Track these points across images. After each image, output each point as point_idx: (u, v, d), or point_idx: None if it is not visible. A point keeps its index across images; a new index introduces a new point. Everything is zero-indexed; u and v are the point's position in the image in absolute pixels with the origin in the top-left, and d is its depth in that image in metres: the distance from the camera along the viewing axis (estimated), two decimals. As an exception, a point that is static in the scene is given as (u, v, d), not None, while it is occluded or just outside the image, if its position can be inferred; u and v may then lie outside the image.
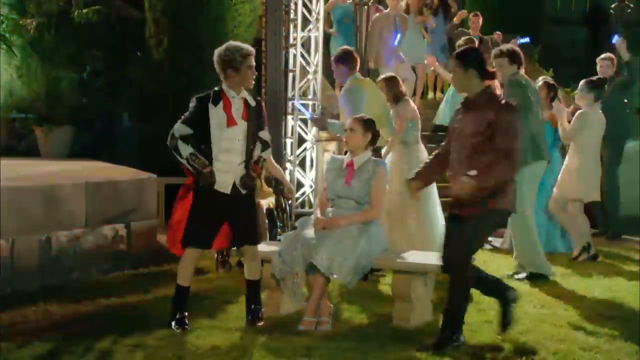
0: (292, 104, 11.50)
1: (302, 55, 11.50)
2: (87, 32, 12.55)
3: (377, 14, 13.08)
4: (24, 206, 7.63)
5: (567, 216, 9.50)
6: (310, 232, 6.59)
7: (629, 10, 13.13)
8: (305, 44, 11.61)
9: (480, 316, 6.79)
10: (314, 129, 11.39)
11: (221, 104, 6.49)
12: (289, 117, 11.53)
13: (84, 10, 12.27)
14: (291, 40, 11.53)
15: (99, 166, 10.04)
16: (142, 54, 12.77)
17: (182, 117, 6.71)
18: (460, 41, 12.26)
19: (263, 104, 6.88)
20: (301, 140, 11.25)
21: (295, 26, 11.43)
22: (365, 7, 11.89)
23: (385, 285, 7.64)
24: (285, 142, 11.55)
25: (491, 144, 5.83)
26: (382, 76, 9.47)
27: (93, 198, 8.24)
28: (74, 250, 8.04)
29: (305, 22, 11.50)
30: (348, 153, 6.93)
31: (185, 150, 6.48)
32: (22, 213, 7.61)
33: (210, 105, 6.51)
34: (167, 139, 6.61)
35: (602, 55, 10.71)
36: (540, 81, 9.77)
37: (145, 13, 12.87)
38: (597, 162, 9.58)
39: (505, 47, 8.63)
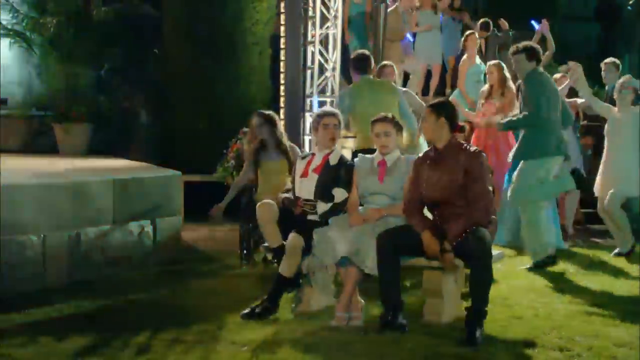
0: (310, 101, 11.56)
1: (320, 53, 11.54)
2: (105, 30, 12.57)
3: (390, 9, 13.10)
4: (54, 203, 7.64)
5: (621, 214, 9.33)
6: (341, 228, 6.60)
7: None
8: (324, 42, 11.66)
9: (508, 312, 6.81)
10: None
11: (307, 159, 7.17)
12: (307, 114, 11.59)
13: (103, 9, 12.30)
14: (309, 38, 11.58)
15: (123, 163, 10.06)
16: (160, 51, 12.77)
17: None
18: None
19: (350, 165, 7.07)
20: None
21: (314, 24, 11.48)
22: (383, 4, 11.87)
23: (412, 280, 7.65)
24: (303, 139, 11.61)
25: (465, 190, 6.14)
26: None
27: (120, 194, 8.26)
28: (102, 247, 8.04)
29: (324, 19, 11.55)
30: (377, 152, 6.95)
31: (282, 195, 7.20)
32: (53, 210, 7.62)
33: (299, 160, 7.27)
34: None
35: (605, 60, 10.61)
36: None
37: (162, 11, 12.93)
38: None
39: (522, 44, 8.61)
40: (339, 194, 6.92)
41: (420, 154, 6.63)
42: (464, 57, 12.39)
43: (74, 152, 12.26)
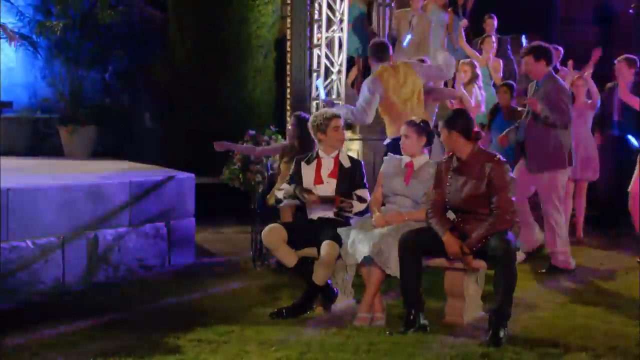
0: (317, 103, 11.61)
1: (326, 56, 11.60)
2: (111, 33, 12.58)
3: (399, 10, 13.13)
4: (73, 205, 7.68)
5: None
6: (364, 229, 6.67)
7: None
8: (329, 45, 11.71)
9: (528, 312, 6.91)
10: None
11: (314, 163, 7.07)
12: (313, 117, 11.58)
13: (109, 11, 12.31)
14: (315, 41, 11.63)
15: (133, 165, 10.08)
16: (165, 54, 12.79)
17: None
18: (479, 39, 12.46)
19: (361, 164, 7.21)
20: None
21: (320, 27, 11.53)
22: (387, 7, 11.95)
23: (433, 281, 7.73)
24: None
25: (488, 198, 6.27)
26: None
27: (136, 197, 8.29)
28: (119, 248, 8.07)
29: (330, 23, 11.60)
30: (405, 154, 7.01)
31: (287, 188, 7.17)
32: (72, 212, 7.66)
33: (304, 164, 7.14)
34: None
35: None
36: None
37: (167, 13, 12.96)
38: None
39: (531, 44, 8.63)
40: (365, 194, 7.02)
41: (444, 160, 6.70)
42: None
43: (79, 155, 12.25)
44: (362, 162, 7.26)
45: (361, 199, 7.01)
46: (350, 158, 7.21)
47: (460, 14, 14.40)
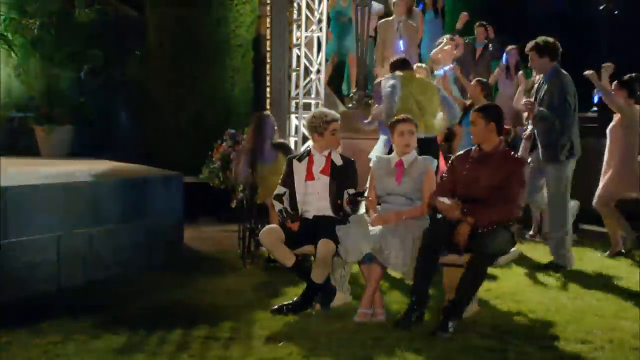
0: (296, 102, 11.71)
1: (306, 55, 11.69)
2: (87, 31, 12.56)
3: (381, 21, 13.26)
4: (68, 203, 7.69)
5: (612, 212, 9.54)
6: (362, 226, 6.77)
7: (615, 12, 13.46)
8: (308, 44, 11.81)
9: (521, 307, 7.07)
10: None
11: (306, 160, 7.18)
12: (293, 117, 11.73)
13: (86, 10, 12.30)
14: (294, 41, 11.72)
15: (118, 165, 10.08)
16: (142, 53, 12.79)
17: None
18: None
19: (355, 163, 7.28)
20: (305, 139, 11.45)
21: (299, 27, 11.62)
22: (367, 7, 12.05)
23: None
24: (289, 141, 11.75)
25: (501, 190, 6.46)
26: None
27: (128, 195, 8.33)
28: (111, 247, 8.10)
29: (308, 22, 11.69)
30: (394, 152, 7.14)
31: (277, 206, 7.25)
32: (67, 210, 7.67)
33: (295, 162, 7.23)
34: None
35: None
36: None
37: (143, 13, 12.96)
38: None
39: (537, 40, 8.62)
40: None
41: (461, 152, 6.90)
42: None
43: (55, 154, 12.20)
44: (354, 161, 7.33)
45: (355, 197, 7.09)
46: (343, 157, 7.28)
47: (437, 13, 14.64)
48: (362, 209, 7.06)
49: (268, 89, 11.95)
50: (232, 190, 11.65)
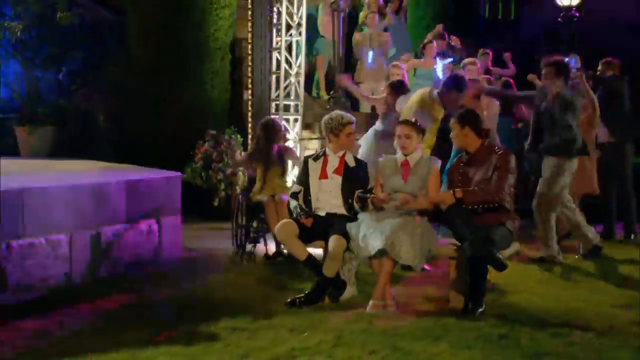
0: (276, 104, 11.96)
1: (286, 59, 11.94)
2: (67, 34, 12.66)
3: (357, 34, 13.61)
4: (78, 203, 7.84)
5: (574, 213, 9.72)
6: (373, 223, 7.05)
7: (574, 20, 14.02)
8: (288, 48, 12.06)
9: (518, 297, 7.42)
10: (297, 128, 11.88)
11: (321, 160, 7.44)
12: (273, 117, 11.93)
13: (67, 13, 12.39)
14: (274, 44, 11.97)
15: (109, 165, 10.22)
16: (120, 55, 12.90)
17: None
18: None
19: (367, 166, 7.58)
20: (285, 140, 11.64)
21: (279, 31, 11.87)
22: (342, 13, 12.36)
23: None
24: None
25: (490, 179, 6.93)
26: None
27: (131, 195, 8.50)
28: (117, 244, 8.27)
29: (288, 27, 11.95)
30: (399, 152, 7.44)
31: (292, 203, 7.45)
32: (77, 210, 7.82)
33: (310, 161, 7.50)
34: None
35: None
36: None
37: (121, 15, 13.08)
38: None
39: (554, 57, 9.05)
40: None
41: (454, 161, 7.34)
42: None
43: (36, 155, 12.28)
44: (367, 163, 7.62)
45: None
46: (356, 159, 7.57)
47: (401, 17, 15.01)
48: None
49: (250, 91, 12.17)
50: (214, 190, 11.92)
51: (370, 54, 13.19)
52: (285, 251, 8.74)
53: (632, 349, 5.91)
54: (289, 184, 9.54)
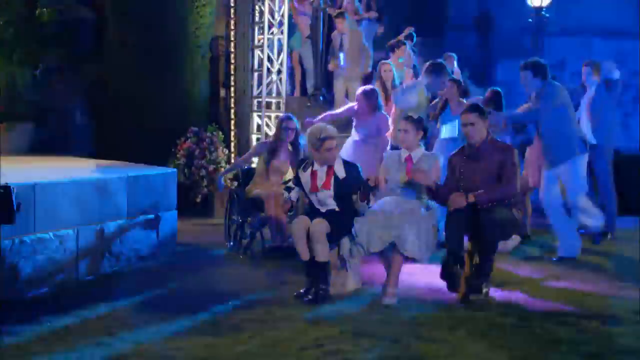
0: (257, 101, 12.06)
1: (268, 56, 12.05)
2: (45, 31, 12.61)
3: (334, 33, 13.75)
4: (84, 199, 7.88)
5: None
6: (380, 217, 7.19)
7: (544, 19, 14.39)
8: (270, 46, 12.17)
9: (518, 288, 7.63)
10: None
11: (310, 170, 7.36)
12: (255, 115, 12.06)
13: (45, 10, 12.35)
14: (256, 42, 12.07)
15: (99, 162, 10.22)
16: (100, 53, 12.89)
17: None
18: None
19: (358, 167, 7.45)
20: (267, 136, 11.77)
21: (261, 29, 11.97)
22: (322, 12, 12.48)
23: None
24: (251, 138, 12.09)
25: (498, 179, 7.08)
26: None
27: (132, 190, 8.54)
28: (119, 239, 8.31)
29: (270, 25, 12.06)
30: (403, 148, 7.60)
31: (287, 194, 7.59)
32: (83, 205, 7.85)
33: (301, 172, 7.44)
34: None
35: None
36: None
37: (98, 13, 13.08)
38: None
39: (530, 60, 9.10)
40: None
41: (455, 152, 7.44)
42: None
43: (15, 152, 12.18)
44: (359, 166, 7.51)
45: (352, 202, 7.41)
46: (345, 165, 7.39)
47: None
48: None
49: (232, 88, 12.25)
50: (197, 186, 11.98)
51: (342, 55, 13.31)
52: (284, 245, 8.85)
53: (637, 336, 6.17)
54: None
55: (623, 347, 5.89)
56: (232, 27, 12.10)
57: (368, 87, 10.26)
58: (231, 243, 9.46)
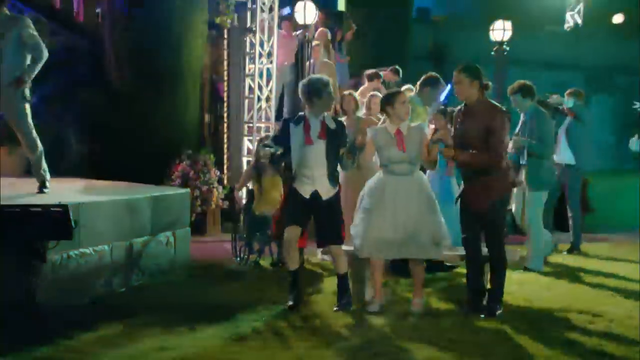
0: (248, 126, 12.39)
1: (258, 85, 12.41)
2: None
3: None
4: (117, 216, 8.13)
5: None
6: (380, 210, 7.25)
7: (505, 53, 15.06)
8: (261, 75, 12.53)
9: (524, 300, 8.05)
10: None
11: (302, 124, 7.29)
12: (246, 139, 12.40)
13: (46, 41, 12.44)
14: (247, 71, 12.42)
15: (107, 184, 10.40)
16: (94, 79, 13.03)
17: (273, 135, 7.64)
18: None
19: (344, 125, 7.57)
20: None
21: (252, 59, 12.33)
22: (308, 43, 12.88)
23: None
24: (242, 161, 12.41)
25: (485, 140, 7.13)
26: None
27: (154, 209, 8.79)
28: (145, 255, 8.55)
29: (261, 55, 12.43)
30: (388, 122, 7.47)
31: (262, 152, 7.51)
32: (116, 222, 8.10)
33: (292, 125, 7.32)
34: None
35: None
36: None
37: (92, 42, 13.24)
38: None
39: (516, 84, 9.50)
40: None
41: (457, 109, 7.57)
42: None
43: (14, 174, 12.26)
44: (343, 122, 7.62)
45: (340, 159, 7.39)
46: (335, 120, 7.48)
47: (341, 50, 15.56)
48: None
49: (225, 113, 12.55)
50: (191, 205, 12.20)
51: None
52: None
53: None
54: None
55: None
56: (226, 58, 12.42)
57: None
58: (239, 259, 9.71)
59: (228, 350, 6.09)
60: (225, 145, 12.49)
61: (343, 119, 9.33)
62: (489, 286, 7.37)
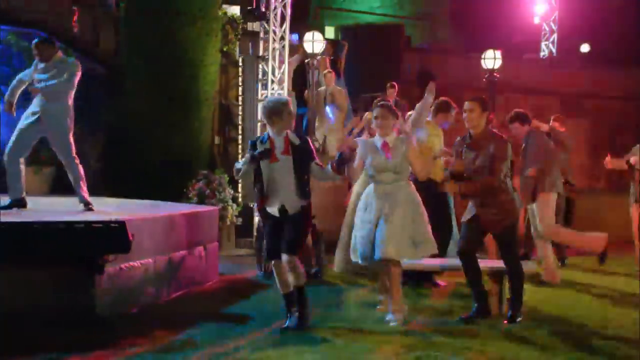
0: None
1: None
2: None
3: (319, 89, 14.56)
4: (158, 232, 8.51)
5: None
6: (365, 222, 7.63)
7: (495, 80, 15.70)
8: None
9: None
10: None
11: (267, 144, 7.27)
12: (259, 160, 12.78)
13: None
14: (259, 97, 12.88)
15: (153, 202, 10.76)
16: (113, 105, 13.39)
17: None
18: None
19: (309, 140, 7.60)
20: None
21: (264, 85, 12.79)
22: (317, 70, 13.35)
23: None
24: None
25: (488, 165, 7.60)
26: None
27: (189, 225, 9.19)
28: (182, 268, 8.94)
29: (272, 82, 12.88)
30: (377, 136, 7.75)
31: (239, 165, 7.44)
32: (158, 238, 8.48)
33: (259, 145, 7.31)
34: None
35: None
36: None
37: (108, 68, 13.63)
38: None
39: (514, 112, 9.98)
40: (316, 167, 7.36)
41: (458, 139, 7.96)
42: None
43: (40, 193, 12.60)
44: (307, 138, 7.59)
45: (312, 171, 7.32)
46: (299, 136, 7.42)
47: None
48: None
49: (240, 136, 12.96)
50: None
51: (328, 109, 14.13)
52: (313, 270, 9.61)
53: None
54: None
55: None
56: (241, 84, 12.86)
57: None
58: (261, 272, 10.10)
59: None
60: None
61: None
62: (507, 296, 7.81)
